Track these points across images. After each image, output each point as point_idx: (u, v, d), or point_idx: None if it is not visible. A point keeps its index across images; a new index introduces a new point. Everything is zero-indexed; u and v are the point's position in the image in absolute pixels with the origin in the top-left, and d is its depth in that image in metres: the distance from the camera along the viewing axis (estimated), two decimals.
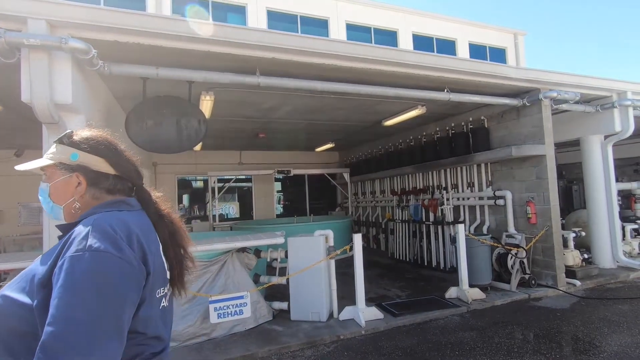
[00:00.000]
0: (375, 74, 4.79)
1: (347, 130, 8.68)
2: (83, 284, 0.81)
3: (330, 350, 3.88)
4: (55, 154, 1.06)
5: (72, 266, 0.82)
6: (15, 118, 5.77)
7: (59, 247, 0.91)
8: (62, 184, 1.05)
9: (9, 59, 3.14)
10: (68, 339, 0.76)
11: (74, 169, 1.05)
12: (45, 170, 1.07)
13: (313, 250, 4.59)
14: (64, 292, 0.80)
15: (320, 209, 12.38)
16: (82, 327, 0.77)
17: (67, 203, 1.05)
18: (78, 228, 0.91)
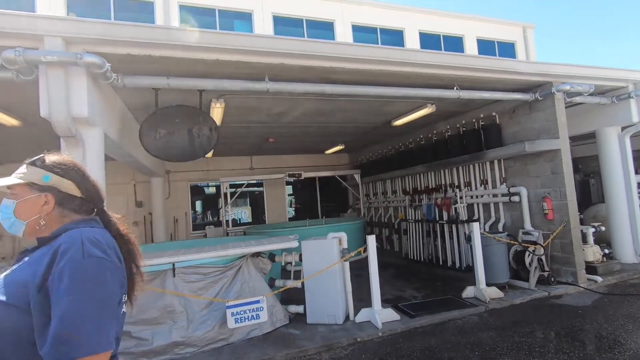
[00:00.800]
0: (383, 75, 4.79)
1: (357, 131, 8.68)
2: (86, 283, 0.97)
3: (347, 353, 3.87)
4: (27, 174, 1.17)
5: (74, 270, 0.97)
6: (36, 132, 5.95)
7: (48, 256, 1.02)
8: (29, 202, 1.16)
9: (28, 76, 3.25)
10: (79, 326, 0.93)
11: (44, 189, 1.17)
12: (13, 189, 1.17)
13: (327, 253, 4.60)
14: (70, 290, 0.95)
15: (332, 211, 12.37)
16: (89, 316, 0.95)
17: (33, 219, 1.15)
18: (64, 240, 1.04)
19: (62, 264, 0.98)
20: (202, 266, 4.23)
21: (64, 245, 1.02)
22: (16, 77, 3.26)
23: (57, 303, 0.94)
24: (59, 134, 3.32)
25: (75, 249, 1.00)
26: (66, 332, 0.91)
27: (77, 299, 0.95)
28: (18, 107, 4.78)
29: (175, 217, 10.43)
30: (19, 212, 1.15)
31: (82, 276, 0.97)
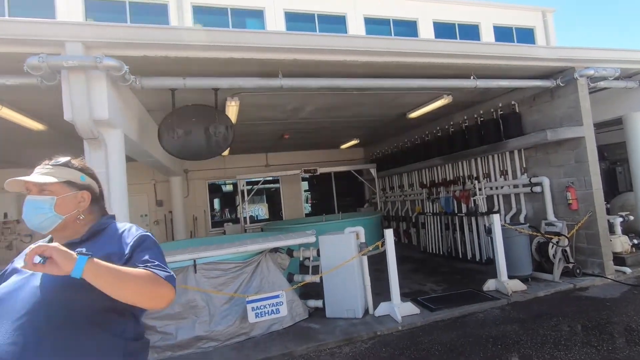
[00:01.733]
0: (397, 67, 4.72)
1: (372, 125, 8.61)
2: (156, 244, 1.31)
3: (367, 346, 3.88)
4: (63, 174, 1.30)
5: (146, 238, 1.29)
6: (58, 136, 6.17)
7: (117, 238, 1.28)
8: (69, 198, 1.29)
9: (51, 81, 3.37)
10: (163, 263, 1.24)
11: (81, 187, 1.33)
12: (49, 187, 1.26)
13: (344, 247, 4.61)
14: (151, 248, 1.26)
15: (349, 206, 12.35)
16: (164, 261, 1.26)
17: (71, 214, 1.29)
18: (119, 226, 1.33)
19: (135, 238, 1.27)
20: (222, 262, 4.31)
21: (125, 229, 1.31)
22: (40, 82, 3.38)
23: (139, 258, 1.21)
24: (82, 136, 3.43)
25: (135, 229, 1.32)
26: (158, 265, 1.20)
27: (152, 254, 1.24)
28: (43, 112, 4.96)
29: (194, 215, 10.64)
30: (59, 208, 1.26)
31: (149, 242, 1.29)
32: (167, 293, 1.16)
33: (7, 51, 3.26)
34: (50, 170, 1.29)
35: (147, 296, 1.13)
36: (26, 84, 3.43)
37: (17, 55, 3.28)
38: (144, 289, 1.12)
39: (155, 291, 1.14)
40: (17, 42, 3.22)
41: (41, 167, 1.30)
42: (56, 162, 1.32)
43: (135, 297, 1.12)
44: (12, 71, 3.48)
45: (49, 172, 1.28)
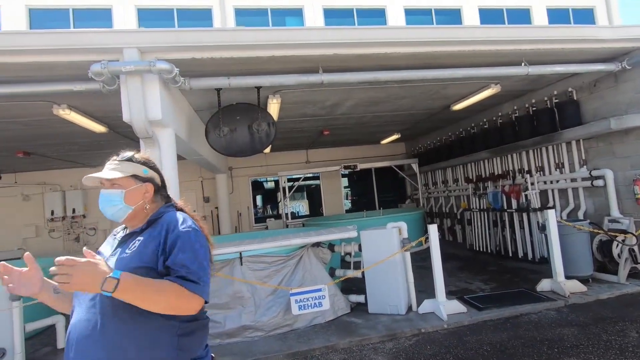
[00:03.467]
0: (440, 57, 4.55)
1: (413, 119, 8.39)
2: (196, 243, 1.32)
3: (411, 343, 3.81)
4: (128, 168, 1.42)
5: (187, 237, 1.31)
6: (117, 137, 6.69)
7: (163, 231, 1.33)
8: (135, 191, 1.41)
9: (111, 85, 3.66)
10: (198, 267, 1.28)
11: (144, 180, 1.44)
12: (117, 181, 1.39)
13: (387, 242, 4.55)
14: (188, 249, 1.29)
15: (390, 202, 12.15)
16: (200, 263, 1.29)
17: (139, 205, 1.41)
18: (169, 218, 1.37)
19: (173, 235, 1.31)
20: (266, 255, 4.44)
21: (171, 223, 1.35)
22: (102, 87, 3.68)
23: (174, 258, 1.27)
24: (139, 136, 3.69)
25: (180, 223, 1.35)
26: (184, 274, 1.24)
27: (187, 256, 1.27)
28: (104, 115, 5.40)
29: (238, 211, 11.05)
30: (128, 199, 1.39)
31: (188, 242, 1.31)
32: (194, 306, 1.23)
33: (73, 60, 3.58)
34: (117, 166, 1.42)
35: (172, 310, 1.22)
36: (90, 89, 3.75)
37: (81, 64, 3.59)
38: (169, 304, 1.20)
39: (180, 306, 1.21)
40: (82, 51, 3.53)
41: (110, 163, 1.44)
42: (122, 158, 1.45)
43: (160, 310, 1.21)
44: (77, 78, 3.83)
45: (116, 168, 1.41)
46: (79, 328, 1.24)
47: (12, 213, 9.69)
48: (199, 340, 1.35)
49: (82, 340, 1.22)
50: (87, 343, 1.21)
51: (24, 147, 7.09)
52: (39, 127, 5.76)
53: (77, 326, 1.25)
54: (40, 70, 3.72)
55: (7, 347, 3.80)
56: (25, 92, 3.80)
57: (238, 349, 3.91)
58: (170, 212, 1.43)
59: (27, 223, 9.75)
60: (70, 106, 4.70)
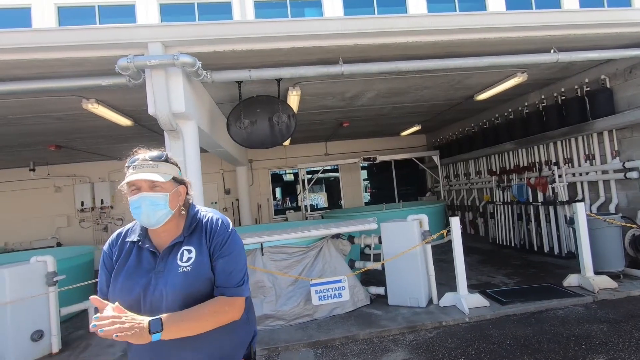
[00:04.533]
0: (464, 45, 4.42)
1: (434, 110, 8.22)
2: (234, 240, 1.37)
3: (432, 336, 3.79)
4: (168, 170, 1.31)
5: (228, 237, 1.35)
6: (140, 130, 6.88)
7: (203, 236, 1.34)
8: (175, 194, 1.31)
9: (137, 80, 3.75)
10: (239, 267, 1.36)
11: (180, 182, 1.36)
12: (160, 183, 1.27)
13: (407, 235, 4.51)
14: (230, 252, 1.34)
15: (410, 194, 12.01)
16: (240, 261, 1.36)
17: (177, 208, 1.34)
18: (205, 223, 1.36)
19: (219, 237, 1.34)
20: (287, 246, 4.50)
21: (209, 224, 1.37)
22: (128, 82, 3.79)
23: (217, 263, 1.31)
24: (164, 129, 3.78)
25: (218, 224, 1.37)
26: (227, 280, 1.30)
27: (230, 259, 1.32)
28: (129, 109, 5.56)
29: (258, 203, 11.20)
30: (171, 203, 1.29)
31: (232, 243, 1.35)
32: (238, 308, 1.29)
33: (101, 55, 3.69)
34: (155, 167, 1.28)
35: (224, 322, 1.26)
36: (117, 83, 3.87)
37: (108, 59, 3.71)
38: (216, 322, 1.23)
39: (229, 316, 1.26)
40: (109, 46, 3.63)
41: (143, 162, 1.28)
42: (159, 158, 1.31)
43: (214, 327, 1.24)
44: (105, 73, 3.96)
45: (156, 170, 1.28)
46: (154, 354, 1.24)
47: (45, 204, 10.19)
48: (253, 322, 1.47)
49: (173, 350, 1.24)
50: (180, 352, 1.25)
51: (55, 141, 7.41)
52: (69, 121, 6.00)
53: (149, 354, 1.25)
54: (71, 66, 3.86)
55: (44, 329, 4.04)
56: (57, 87, 3.95)
57: (260, 337, 4.00)
58: (202, 212, 1.40)
59: (60, 213, 10.23)
60: (98, 100, 4.87)
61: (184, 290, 1.23)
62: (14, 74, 3.91)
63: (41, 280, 4.06)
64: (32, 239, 9.89)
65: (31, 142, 7.29)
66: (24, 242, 9.86)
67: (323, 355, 3.59)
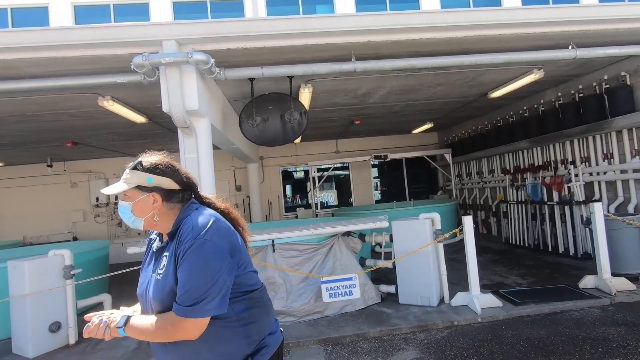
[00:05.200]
0: (479, 41, 4.35)
1: (447, 107, 8.12)
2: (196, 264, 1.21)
3: (444, 335, 3.76)
4: (133, 179, 1.30)
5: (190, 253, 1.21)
6: (154, 127, 6.97)
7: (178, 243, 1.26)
8: (141, 202, 1.31)
9: (151, 77, 3.80)
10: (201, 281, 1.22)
11: (151, 189, 1.31)
12: (126, 193, 1.31)
13: (419, 233, 4.48)
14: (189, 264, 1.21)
15: (421, 193, 11.92)
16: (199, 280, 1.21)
17: (147, 217, 1.32)
18: (181, 232, 1.26)
19: (180, 250, 1.23)
20: (298, 243, 4.51)
21: (182, 233, 1.26)
22: (143, 79, 3.84)
23: (178, 279, 1.21)
24: (177, 126, 3.82)
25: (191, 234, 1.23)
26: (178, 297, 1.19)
27: (189, 275, 1.19)
28: (143, 106, 5.63)
29: (269, 200, 11.26)
30: (137, 211, 1.31)
31: (192, 257, 1.20)
32: (189, 332, 1.19)
33: (117, 53, 3.75)
34: (127, 176, 1.32)
35: (169, 339, 1.23)
36: (132, 80, 3.92)
37: (124, 56, 3.76)
38: (168, 336, 1.21)
39: (174, 337, 1.21)
40: (125, 44, 3.68)
41: (124, 172, 1.35)
42: (131, 166, 1.33)
43: (166, 340, 1.24)
44: (120, 70, 4.02)
45: (126, 179, 1.32)
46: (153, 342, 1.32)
47: (62, 199, 10.43)
48: (263, 323, 1.36)
49: (160, 351, 1.31)
50: (163, 354, 1.30)
51: (72, 137, 7.56)
52: (85, 118, 6.11)
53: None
54: (87, 64, 3.93)
55: (61, 321, 4.14)
56: (74, 84, 4.02)
57: None
58: (188, 217, 1.30)
59: (76, 208, 10.46)
60: (113, 98, 4.95)
61: (156, 297, 1.26)
62: (31, 72, 4.00)
63: (59, 274, 4.16)
64: (49, 233, 10.15)
65: (48, 139, 7.47)
66: (42, 236, 10.13)
67: (333, 352, 3.59)
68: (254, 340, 1.31)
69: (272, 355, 1.34)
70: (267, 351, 1.33)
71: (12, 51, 3.59)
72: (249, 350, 1.29)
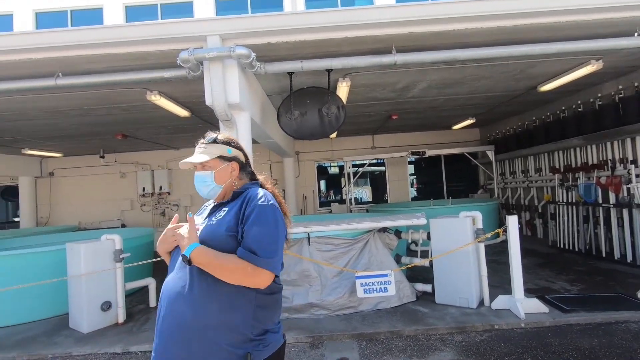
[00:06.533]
0: (529, 30, 4.08)
1: (491, 102, 7.73)
2: (267, 220, 1.37)
3: (483, 338, 3.61)
4: (214, 150, 1.50)
5: (262, 211, 1.37)
6: (196, 121, 7.24)
7: (239, 204, 1.42)
8: (222, 171, 1.51)
9: (196, 72, 3.94)
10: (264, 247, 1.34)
11: (230, 159, 1.52)
12: (206, 163, 1.49)
13: (458, 232, 4.32)
14: (261, 224, 1.35)
15: (460, 191, 11.49)
16: (270, 239, 1.35)
17: (227, 183, 1.51)
18: (250, 193, 1.43)
19: (250, 208, 1.38)
20: (333, 237, 4.51)
21: (251, 196, 1.42)
22: (188, 74, 3.99)
23: (248, 230, 1.35)
24: (219, 119, 3.95)
25: (258, 198, 1.41)
26: (254, 248, 1.32)
27: (260, 230, 1.34)
28: (187, 100, 5.87)
29: (304, 194, 11.36)
30: (217, 179, 1.50)
31: (263, 216, 1.37)
32: (263, 280, 1.31)
33: (164, 49, 3.92)
34: (205, 149, 1.51)
35: (242, 283, 1.32)
36: (178, 75, 4.09)
37: (170, 52, 3.93)
38: (237, 280, 1.30)
39: (248, 281, 1.31)
40: (172, 40, 3.84)
41: (199, 147, 1.54)
42: (208, 140, 1.54)
43: (231, 281, 1.31)
44: (166, 66, 4.20)
45: (204, 151, 1.51)
46: (171, 286, 1.39)
47: (112, 188, 11.17)
48: (272, 314, 1.42)
49: (173, 296, 1.36)
50: (177, 299, 1.35)
51: (122, 130, 8.05)
52: (134, 112, 6.48)
53: (169, 284, 1.41)
54: (138, 60, 4.15)
55: (111, 301, 4.44)
56: (126, 79, 4.26)
57: (305, 324, 4.07)
58: (254, 187, 1.49)
59: (124, 197, 11.16)
60: (160, 92, 5.19)
61: (205, 237, 1.38)
62: (89, 68, 4.28)
63: (110, 257, 4.46)
64: (100, 220, 10.93)
65: (102, 132, 8.00)
66: (94, 222, 10.92)
67: (367, 347, 3.57)
68: (258, 324, 1.35)
69: (272, 353, 1.36)
70: (267, 349, 1.35)
71: (72, 49, 3.86)
72: (250, 333, 1.33)
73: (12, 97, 5.10)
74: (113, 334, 4.17)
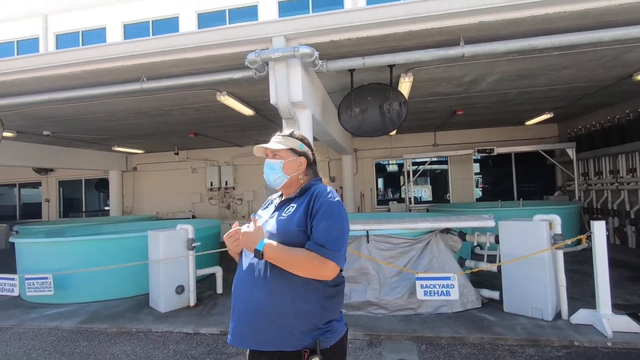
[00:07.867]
0: (625, 11, 3.59)
1: (573, 94, 6.95)
2: (333, 215, 1.46)
3: (560, 355, 3.28)
4: (289, 142, 1.62)
5: (330, 207, 1.47)
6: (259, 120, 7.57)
7: (307, 199, 1.51)
8: (291, 163, 1.60)
9: (261, 72, 4.12)
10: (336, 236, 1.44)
11: (300, 154, 1.63)
12: (279, 152, 1.60)
13: (532, 237, 3.97)
14: (329, 218, 1.44)
15: (532, 192, 10.53)
16: (338, 232, 1.44)
17: (293, 175, 1.60)
18: (317, 189, 1.53)
19: (318, 203, 1.48)
20: (393, 236, 4.43)
21: (319, 192, 1.52)
22: (255, 74, 4.18)
23: (317, 224, 1.44)
24: (283, 117, 4.09)
25: (326, 194, 1.51)
26: (322, 240, 1.40)
27: (328, 224, 1.43)
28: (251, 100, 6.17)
29: (361, 191, 11.30)
30: (286, 169, 1.60)
31: (331, 210, 1.46)
32: (329, 272, 1.39)
33: (234, 51, 4.16)
34: (280, 140, 1.64)
35: (310, 276, 1.40)
36: (246, 76, 4.31)
37: (240, 54, 4.15)
38: (306, 272, 1.39)
39: (317, 273, 1.39)
40: (241, 42, 4.05)
41: (275, 137, 1.67)
42: (284, 133, 1.67)
43: (300, 272, 1.40)
44: (235, 67, 4.45)
45: (279, 141, 1.63)
46: (246, 275, 1.50)
47: (184, 182, 12.20)
48: (338, 305, 1.51)
49: (248, 285, 1.47)
50: (253, 288, 1.46)
51: (194, 129, 8.72)
52: (205, 112, 6.97)
53: (243, 274, 1.52)
54: (211, 63, 4.45)
55: (184, 285, 4.86)
56: (200, 81, 4.60)
57: (363, 322, 4.06)
58: (319, 184, 1.61)
59: (195, 191, 12.11)
60: (228, 92, 5.52)
61: (277, 232, 1.48)
62: (169, 72, 4.70)
63: (183, 244, 4.87)
64: (174, 211, 11.99)
65: (176, 130, 8.75)
66: (169, 212, 12.03)
67: (427, 351, 3.45)
68: (325, 314, 1.44)
69: (337, 340, 1.45)
70: (333, 336, 1.45)
71: (155, 55, 4.27)
72: (319, 321, 1.42)
73: (105, 100, 5.80)
74: (185, 315, 4.56)
